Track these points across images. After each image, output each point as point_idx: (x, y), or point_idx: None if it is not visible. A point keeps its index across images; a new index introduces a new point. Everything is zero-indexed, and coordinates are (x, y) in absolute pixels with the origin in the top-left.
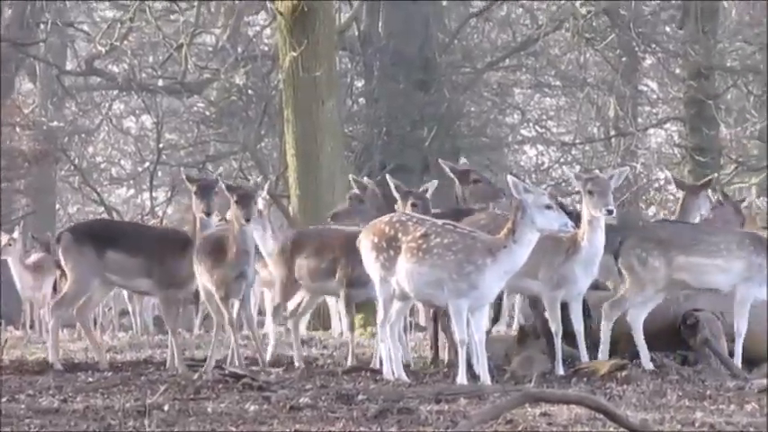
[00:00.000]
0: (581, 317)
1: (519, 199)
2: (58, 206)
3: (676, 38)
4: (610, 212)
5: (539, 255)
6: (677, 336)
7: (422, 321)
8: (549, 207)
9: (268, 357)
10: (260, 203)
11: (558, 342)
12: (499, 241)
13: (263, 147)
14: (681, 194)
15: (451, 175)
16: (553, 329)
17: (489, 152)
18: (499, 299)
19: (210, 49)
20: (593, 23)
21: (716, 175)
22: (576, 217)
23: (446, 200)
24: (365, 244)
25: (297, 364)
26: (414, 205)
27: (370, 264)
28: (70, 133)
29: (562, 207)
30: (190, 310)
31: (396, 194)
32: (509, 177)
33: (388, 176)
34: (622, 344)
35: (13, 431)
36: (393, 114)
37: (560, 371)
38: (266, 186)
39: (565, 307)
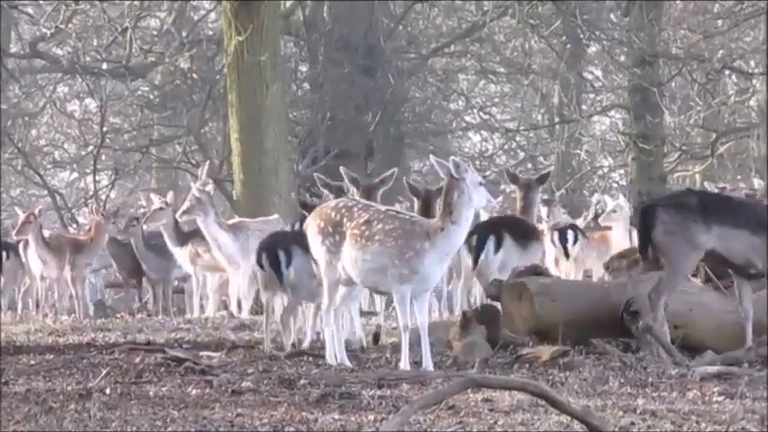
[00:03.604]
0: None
1: (456, 179)
2: (0, 189)
3: (621, 25)
4: None
5: None
6: (620, 323)
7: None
8: (481, 184)
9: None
10: (195, 191)
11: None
12: (436, 224)
13: (208, 131)
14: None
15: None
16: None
17: (433, 138)
18: None
19: (155, 32)
20: (539, 10)
21: (552, 168)
22: None
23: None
24: (312, 228)
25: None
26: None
27: (317, 248)
28: (13, 116)
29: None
30: (132, 293)
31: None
32: (452, 158)
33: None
34: (563, 330)
35: None
36: (337, 99)
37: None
38: (205, 171)
39: None
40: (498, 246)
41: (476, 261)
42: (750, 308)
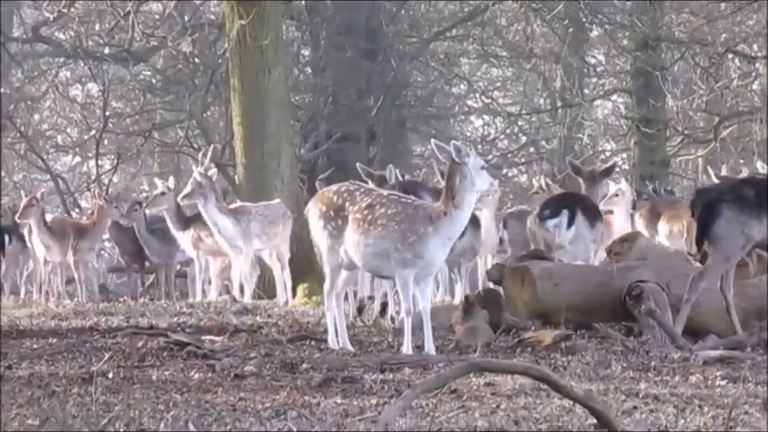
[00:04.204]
0: None
1: (458, 164)
2: (3, 173)
3: (624, 9)
4: None
5: None
6: (622, 307)
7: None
8: (483, 168)
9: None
10: (196, 175)
11: None
12: (439, 209)
13: (210, 115)
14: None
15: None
16: None
17: (435, 122)
18: None
19: (157, 16)
20: None
21: (617, 160)
22: None
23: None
24: (313, 212)
25: None
26: None
27: (318, 232)
28: (16, 100)
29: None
30: (135, 278)
31: None
32: (453, 143)
33: None
34: (565, 314)
35: None
36: (339, 83)
37: None
38: (209, 155)
39: None
40: (571, 221)
41: None
42: None
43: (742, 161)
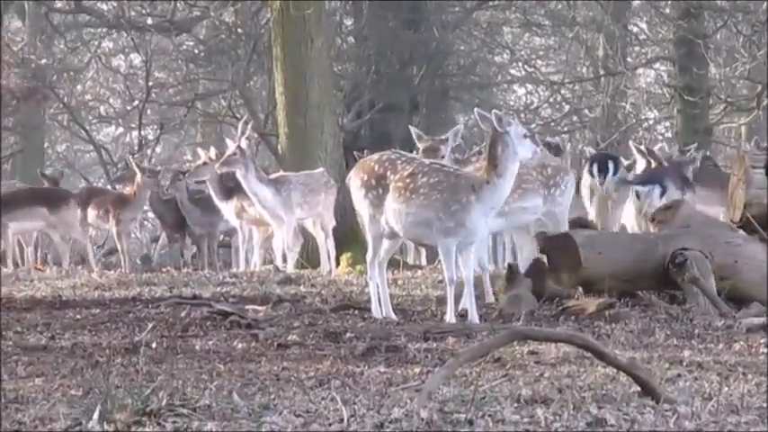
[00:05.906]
0: None
1: (500, 132)
2: (46, 144)
3: None
4: None
5: None
6: (665, 275)
7: (411, 260)
8: (526, 136)
9: None
10: (243, 142)
11: None
12: (481, 178)
13: (252, 85)
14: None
15: None
16: None
17: (478, 91)
18: None
19: None
20: None
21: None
22: None
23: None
24: (355, 182)
25: None
26: None
27: (360, 201)
28: (59, 71)
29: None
30: (176, 248)
31: None
32: (494, 112)
33: None
34: (609, 282)
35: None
36: (382, 53)
37: None
38: (249, 125)
39: None
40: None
41: None
42: None
43: None
